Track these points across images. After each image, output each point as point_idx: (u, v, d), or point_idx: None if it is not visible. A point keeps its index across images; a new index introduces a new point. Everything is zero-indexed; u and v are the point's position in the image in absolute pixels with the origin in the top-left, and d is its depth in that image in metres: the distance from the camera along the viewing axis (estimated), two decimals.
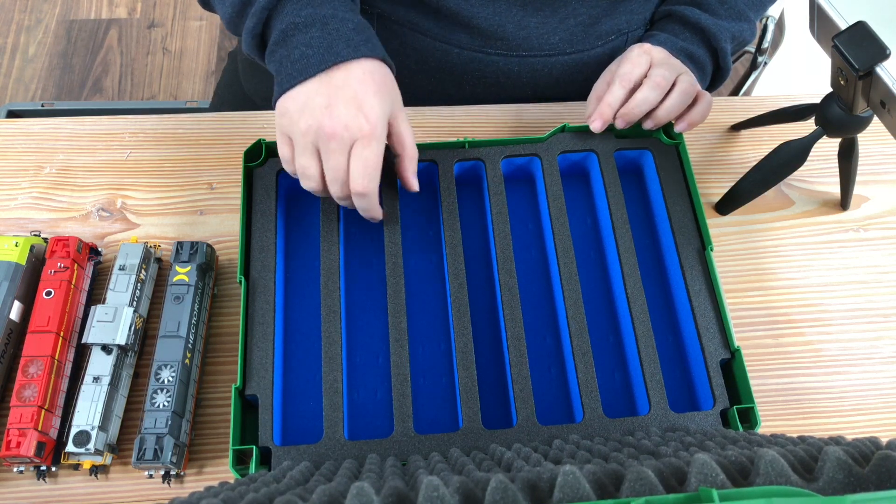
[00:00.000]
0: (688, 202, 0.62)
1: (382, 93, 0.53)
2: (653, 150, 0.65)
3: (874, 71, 0.53)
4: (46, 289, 0.58)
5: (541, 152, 0.64)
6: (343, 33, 0.53)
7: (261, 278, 0.57)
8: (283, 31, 0.54)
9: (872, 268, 0.68)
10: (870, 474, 0.26)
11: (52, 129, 0.71)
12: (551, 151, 0.64)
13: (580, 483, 0.26)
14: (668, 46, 0.65)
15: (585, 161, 0.66)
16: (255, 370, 0.54)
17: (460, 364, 0.55)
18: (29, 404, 0.53)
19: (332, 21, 0.54)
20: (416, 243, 0.65)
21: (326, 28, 0.53)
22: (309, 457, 0.51)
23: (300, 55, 0.53)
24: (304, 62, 0.52)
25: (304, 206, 0.65)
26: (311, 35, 0.53)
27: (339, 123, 0.51)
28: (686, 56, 0.66)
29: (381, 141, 0.53)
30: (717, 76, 0.72)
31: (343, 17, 0.54)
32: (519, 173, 0.67)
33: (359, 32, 0.54)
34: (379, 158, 0.52)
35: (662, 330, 0.61)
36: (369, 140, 0.51)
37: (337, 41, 0.53)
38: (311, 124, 0.52)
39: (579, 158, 0.66)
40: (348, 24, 0.54)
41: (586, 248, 0.65)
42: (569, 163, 0.66)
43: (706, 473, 0.27)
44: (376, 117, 0.52)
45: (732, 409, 0.53)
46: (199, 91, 1.69)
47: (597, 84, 0.66)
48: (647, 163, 0.66)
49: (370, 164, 0.52)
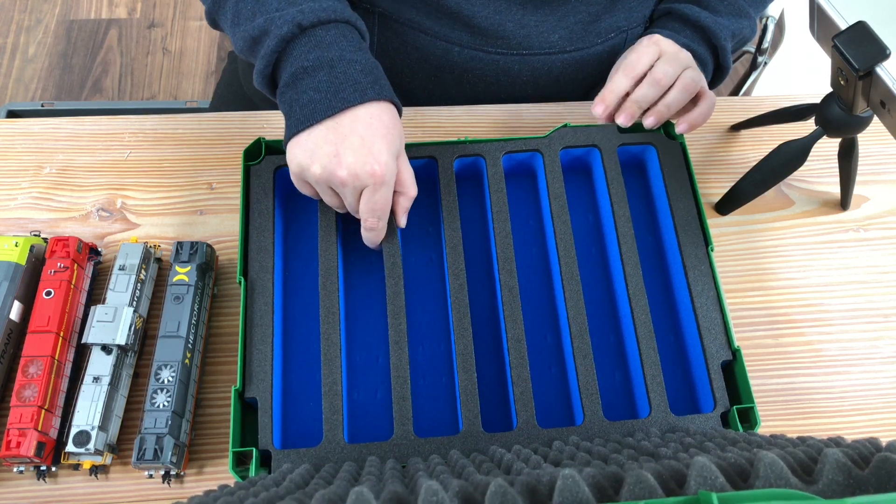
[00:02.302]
0: (691, 199, 0.62)
1: (390, 136, 0.54)
2: (656, 145, 0.64)
3: (874, 71, 0.53)
4: (46, 289, 0.58)
5: (542, 147, 0.64)
6: (350, 76, 0.54)
7: (259, 279, 0.57)
8: (293, 74, 0.55)
9: (872, 268, 0.68)
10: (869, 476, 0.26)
11: (52, 129, 0.71)
12: (553, 146, 0.64)
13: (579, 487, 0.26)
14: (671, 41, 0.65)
15: (588, 156, 0.66)
16: (254, 372, 0.54)
17: (460, 366, 0.55)
18: (29, 404, 0.53)
19: (340, 64, 0.54)
20: (416, 242, 0.64)
21: (333, 71, 0.54)
22: (309, 460, 0.51)
23: (308, 100, 0.54)
24: (312, 108, 0.53)
25: (302, 204, 0.65)
26: (318, 79, 0.54)
27: (349, 172, 0.52)
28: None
29: (391, 185, 0.54)
30: (717, 74, 0.72)
31: (350, 59, 0.54)
32: (520, 169, 0.67)
33: (366, 74, 0.54)
34: (388, 201, 0.55)
35: (663, 330, 0.61)
36: (379, 185, 0.53)
37: (344, 85, 0.53)
38: (322, 173, 0.53)
39: (582, 154, 0.66)
40: (356, 66, 0.54)
41: (588, 245, 0.65)
42: (571, 158, 0.66)
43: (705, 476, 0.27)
44: (384, 163, 0.53)
45: (732, 409, 0.53)
46: (199, 91, 1.69)
47: (609, 78, 0.66)
48: (651, 158, 0.66)
49: (378, 206, 0.54)
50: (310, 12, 0.54)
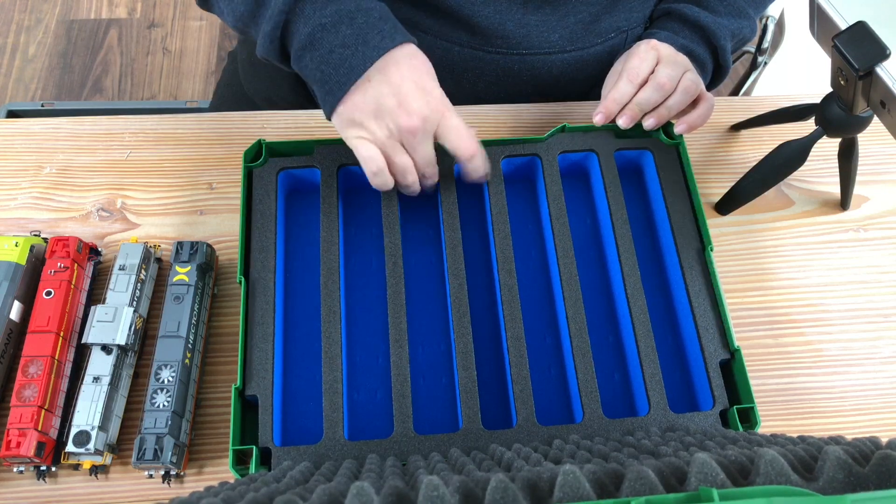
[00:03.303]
0: (688, 202, 0.62)
1: (431, 72, 0.56)
2: (653, 150, 0.65)
3: (874, 71, 0.53)
4: (46, 289, 0.58)
5: (541, 152, 0.64)
6: (373, 24, 0.54)
7: (260, 278, 0.57)
8: (310, 34, 0.54)
9: (872, 268, 0.68)
10: (870, 474, 0.26)
11: (52, 129, 0.71)
12: (551, 151, 0.64)
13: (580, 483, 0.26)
14: (668, 43, 0.65)
15: (585, 161, 0.66)
16: (254, 370, 0.54)
17: (460, 365, 0.55)
18: (29, 404, 0.53)
19: (359, 14, 0.54)
20: (416, 242, 0.65)
21: (355, 23, 0.54)
22: (309, 457, 0.51)
23: (340, 57, 0.53)
24: (348, 65, 0.53)
25: (303, 206, 0.65)
26: (343, 34, 0.53)
27: (418, 118, 0.53)
28: (686, 54, 0.66)
29: (451, 106, 0.56)
30: (717, 74, 0.72)
31: (367, 8, 0.55)
32: (519, 173, 0.67)
33: (385, 21, 0.55)
34: (462, 121, 0.55)
35: (662, 330, 0.61)
36: (448, 112, 0.55)
37: (371, 34, 0.53)
38: (392, 127, 0.54)
39: (579, 158, 0.66)
40: (374, 14, 0.55)
41: (586, 248, 0.65)
42: (569, 163, 0.66)
43: (706, 473, 0.27)
44: (440, 94, 0.55)
45: (732, 409, 0.53)
46: (199, 91, 1.69)
47: (606, 81, 0.66)
48: (647, 163, 0.66)
49: (462, 129, 0.55)
50: None
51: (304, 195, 0.66)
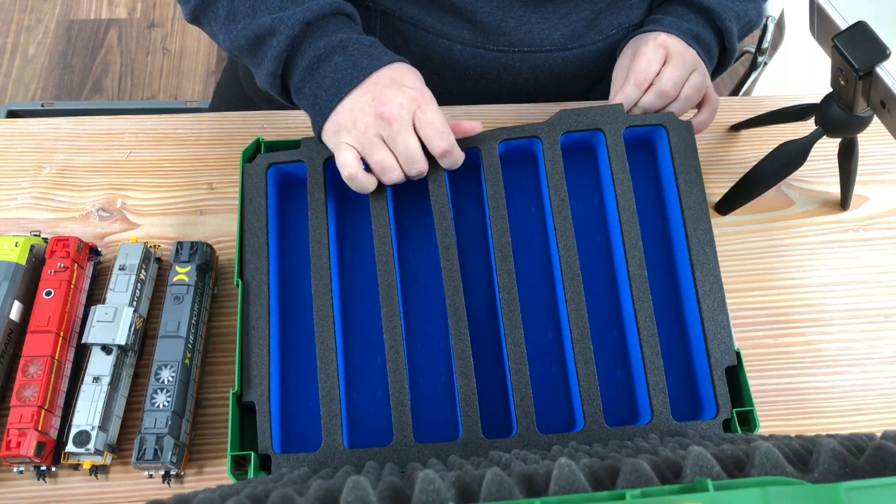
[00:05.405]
0: (702, 192, 0.59)
1: (415, 73, 0.58)
2: (667, 127, 0.61)
3: (874, 71, 0.53)
4: (46, 289, 0.58)
5: (542, 134, 0.60)
6: (363, 51, 0.57)
7: (254, 281, 0.56)
8: (308, 66, 0.57)
9: (872, 268, 0.68)
10: (865, 464, 0.26)
11: (52, 129, 0.71)
12: (553, 134, 0.60)
13: (576, 475, 0.26)
14: (673, 30, 0.64)
15: (592, 138, 0.63)
16: (252, 376, 0.53)
17: (459, 372, 0.54)
18: (29, 404, 0.53)
19: (350, 43, 0.57)
20: (414, 233, 0.62)
21: (346, 51, 0.57)
22: (308, 465, 0.50)
23: (331, 81, 0.56)
24: (336, 86, 0.56)
25: (298, 202, 0.63)
26: (335, 62, 0.56)
27: (394, 105, 0.54)
28: (692, 38, 0.65)
29: (435, 102, 0.56)
30: (723, 58, 0.70)
31: (357, 39, 0.58)
32: (519, 156, 0.64)
33: (375, 48, 0.58)
34: (441, 115, 0.55)
35: (667, 329, 0.59)
36: (425, 104, 0.55)
37: (361, 59, 0.56)
38: (368, 119, 0.54)
39: (585, 136, 0.63)
40: (364, 43, 0.58)
41: (592, 234, 0.62)
42: (574, 140, 0.63)
43: (702, 465, 0.26)
44: (420, 87, 0.56)
45: (732, 412, 0.53)
46: (199, 91, 1.69)
47: (614, 79, 0.66)
48: (661, 140, 0.62)
49: (438, 123, 0.55)
50: (317, 9, 0.57)
51: (298, 190, 0.63)
